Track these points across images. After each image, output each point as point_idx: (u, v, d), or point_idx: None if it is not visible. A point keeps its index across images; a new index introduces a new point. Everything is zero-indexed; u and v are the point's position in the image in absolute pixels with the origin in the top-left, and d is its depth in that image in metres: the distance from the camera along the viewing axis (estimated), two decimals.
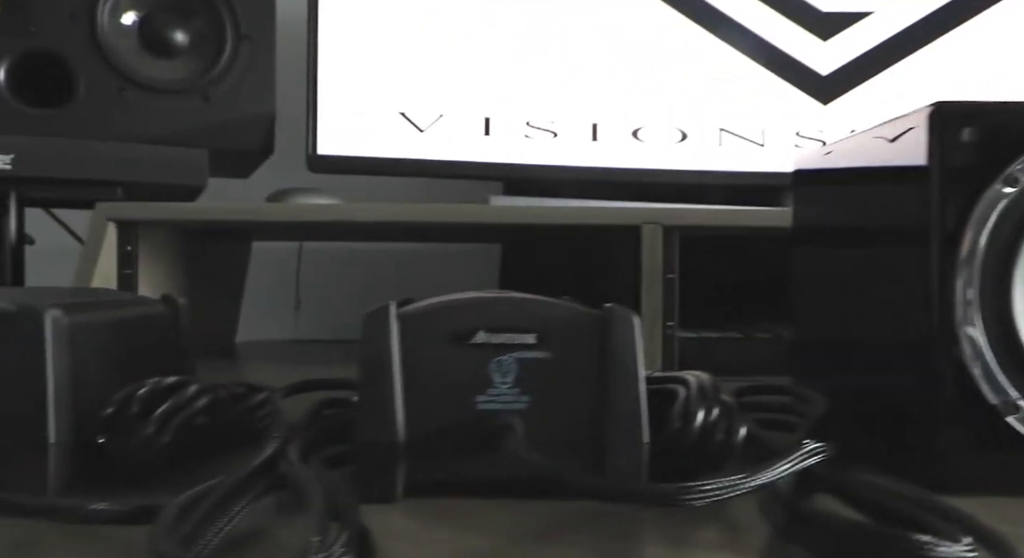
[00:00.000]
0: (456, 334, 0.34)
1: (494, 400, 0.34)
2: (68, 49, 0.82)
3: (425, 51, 0.94)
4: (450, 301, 0.35)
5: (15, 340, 0.33)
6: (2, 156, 0.77)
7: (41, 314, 0.33)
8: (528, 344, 0.34)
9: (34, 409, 0.33)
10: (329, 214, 0.78)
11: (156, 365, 0.44)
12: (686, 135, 0.99)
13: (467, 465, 0.34)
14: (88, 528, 0.28)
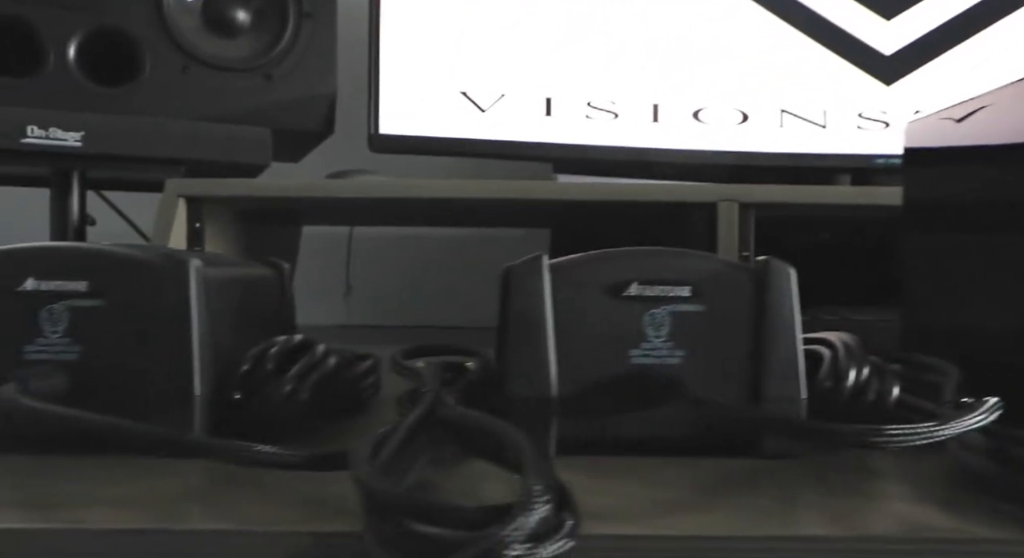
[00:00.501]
0: (609, 286, 0.33)
1: (648, 354, 0.33)
2: (135, 27, 0.81)
3: (487, 30, 0.93)
4: (603, 253, 0.34)
5: (161, 291, 0.32)
6: (72, 133, 0.77)
7: (187, 264, 0.32)
8: (682, 297, 0.33)
9: (180, 361, 0.32)
10: (408, 190, 0.77)
11: (267, 325, 0.43)
12: (747, 116, 0.97)
13: (624, 422, 0.33)
14: (255, 478, 0.27)
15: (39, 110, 0.76)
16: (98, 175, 0.87)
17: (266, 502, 0.26)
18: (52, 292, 0.32)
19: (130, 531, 0.23)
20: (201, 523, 0.24)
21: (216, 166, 0.83)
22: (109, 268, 0.33)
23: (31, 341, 0.32)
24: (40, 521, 0.24)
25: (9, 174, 0.88)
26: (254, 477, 0.29)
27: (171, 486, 0.28)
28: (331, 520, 0.24)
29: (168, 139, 0.80)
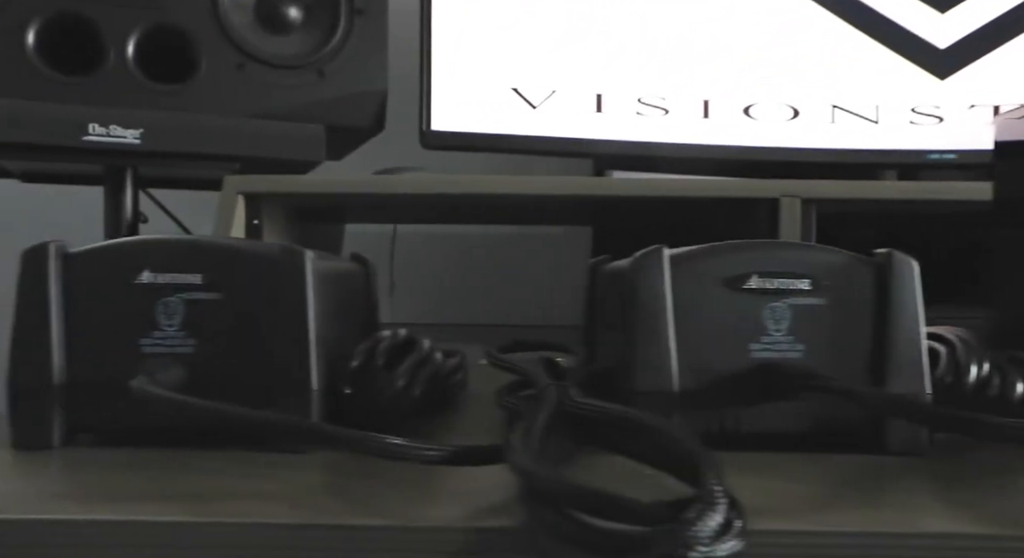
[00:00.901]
0: (728, 279, 0.33)
1: (769, 348, 0.32)
2: (191, 24, 0.81)
3: (538, 26, 0.92)
4: (722, 245, 0.33)
5: (278, 283, 0.32)
6: (131, 131, 0.77)
7: (304, 256, 0.32)
8: (803, 290, 0.33)
9: (297, 354, 0.32)
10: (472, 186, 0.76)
11: (359, 319, 0.43)
12: (798, 112, 0.96)
13: (746, 416, 0.32)
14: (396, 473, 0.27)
15: (100, 108, 0.76)
16: (149, 173, 0.87)
17: (409, 497, 0.26)
18: (167, 285, 0.32)
19: (283, 526, 0.23)
20: (350, 518, 0.23)
21: (269, 163, 0.83)
22: (225, 260, 0.32)
23: (147, 334, 0.32)
24: (186, 514, 0.24)
25: (64, 172, 0.88)
26: (380, 472, 0.29)
27: (305, 480, 0.28)
28: (487, 516, 0.24)
29: (224, 136, 0.81)
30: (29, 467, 0.30)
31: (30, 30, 0.75)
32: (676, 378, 0.32)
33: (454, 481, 0.27)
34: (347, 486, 0.27)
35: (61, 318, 0.32)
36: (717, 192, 0.75)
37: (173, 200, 1.01)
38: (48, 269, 0.32)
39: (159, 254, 0.32)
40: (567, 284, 1.24)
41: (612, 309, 0.39)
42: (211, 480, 0.28)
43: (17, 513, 0.24)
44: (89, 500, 0.25)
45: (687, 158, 0.95)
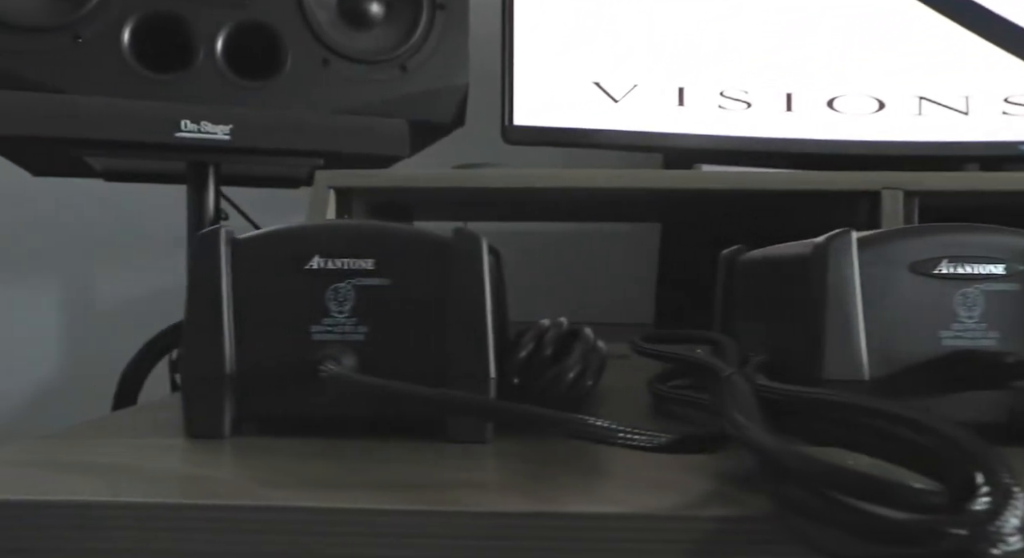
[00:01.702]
0: (918, 263, 0.31)
1: (960, 336, 0.31)
2: (277, 21, 0.81)
3: (619, 20, 0.91)
4: (910, 229, 0.32)
5: (454, 269, 0.31)
6: (221, 127, 0.77)
7: (480, 241, 0.31)
8: (996, 275, 0.31)
9: (474, 342, 0.31)
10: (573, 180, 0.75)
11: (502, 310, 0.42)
12: (883, 104, 0.94)
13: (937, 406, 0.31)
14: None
15: (190, 105, 0.77)
16: (229, 170, 0.88)
17: (623, 486, 0.25)
18: (338, 270, 0.32)
19: (521, 515, 0.22)
20: (585, 506, 0.22)
21: (352, 158, 0.83)
22: (396, 246, 0.32)
23: (318, 321, 0.32)
24: (416, 503, 0.23)
25: (147, 170, 0.89)
26: (574, 460, 0.28)
27: (509, 468, 0.27)
28: (718, 504, 0.23)
29: (310, 131, 0.81)
30: (216, 455, 0.29)
31: (125, 29, 0.76)
32: (866, 366, 0.31)
33: (649, 470, 0.26)
34: (556, 475, 0.26)
35: (231, 306, 0.32)
36: (816, 185, 0.73)
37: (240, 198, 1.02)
38: (220, 256, 0.31)
39: (329, 239, 0.32)
40: (635, 280, 1.23)
41: (770, 298, 0.38)
42: (410, 469, 0.27)
43: (238, 498, 0.23)
44: (301, 487, 0.24)
45: (770, 152, 0.93)
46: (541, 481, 0.25)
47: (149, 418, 0.37)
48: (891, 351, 0.31)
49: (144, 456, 0.29)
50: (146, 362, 0.95)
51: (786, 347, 0.34)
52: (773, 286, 0.37)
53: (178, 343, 0.94)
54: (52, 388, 1.25)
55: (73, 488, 0.24)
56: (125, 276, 1.25)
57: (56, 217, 1.24)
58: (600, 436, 0.24)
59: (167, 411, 0.38)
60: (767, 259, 0.39)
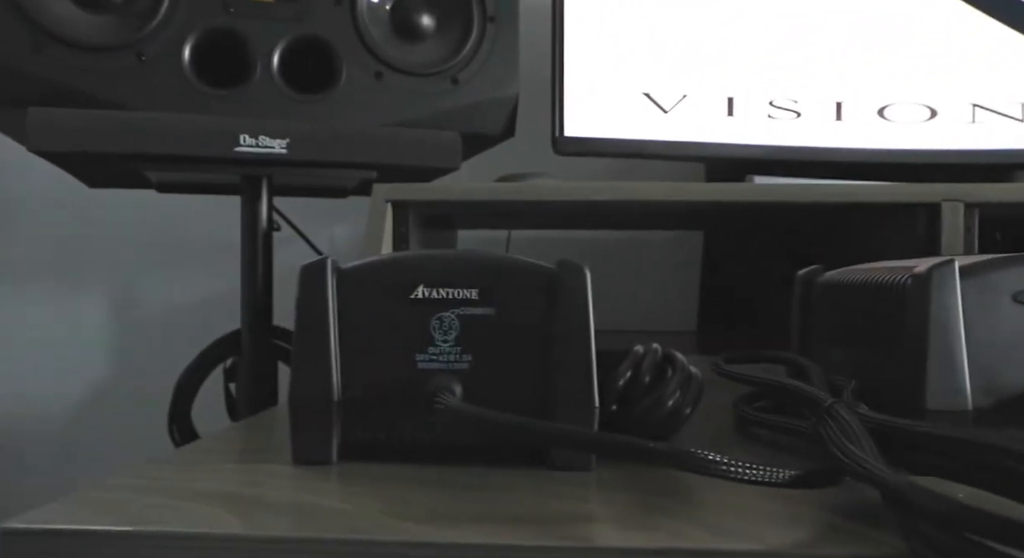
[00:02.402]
0: (1019, 293, 0.31)
1: None
2: (332, 35, 0.82)
3: (669, 30, 0.91)
4: (1015, 257, 0.32)
5: (558, 298, 0.32)
6: (278, 140, 0.78)
7: (584, 272, 0.32)
8: None
9: (580, 372, 0.31)
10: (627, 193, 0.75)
11: None
12: (935, 112, 0.93)
13: None
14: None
15: (248, 119, 0.78)
16: (281, 182, 0.89)
17: (753, 521, 0.25)
18: (443, 300, 0.32)
19: (645, 552, 0.23)
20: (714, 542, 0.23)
21: (404, 170, 0.84)
22: (500, 275, 0.32)
23: (423, 350, 0.32)
24: (545, 538, 0.23)
25: (201, 182, 0.90)
26: (682, 492, 0.29)
27: (623, 500, 0.27)
28: (851, 541, 0.23)
29: (364, 144, 0.81)
30: (329, 483, 0.30)
31: (186, 47, 0.77)
32: (969, 397, 0.31)
33: (755, 501, 0.26)
34: (670, 506, 0.27)
35: (337, 334, 0.32)
36: (873, 197, 0.73)
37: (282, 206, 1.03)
38: (327, 285, 0.32)
39: (434, 269, 0.32)
40: (678, 288, 1.23)
41: (855, 323, 0.38)
42: (522, 499, 0.27)
43: (370, 534, 0.24)
44: (426, 520, 0.25)
45: (819, 162, 0.93)
46: (655, 513, 0.26)
47: (244, 442, 0.37)
48: (994, 381, 0.31)
49: (257, 484, 0.30)
50: (200, 372, 0.96)
51: (881, 375, 0.34)
52: (863, 312, 0.37)
53: (232, 352, 0.96)
54: (102, 392, 1.27)
55: (214, 519, 0.25)
56: (172, 283, 1.27)
57: (105, 225, 1.26)
58: (719, 472, 0.25)
59: (260, 434, 0.39)
60: (853, 283, 0.39)
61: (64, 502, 0.27)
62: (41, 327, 1.26)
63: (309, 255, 1.05)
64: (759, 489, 0.29)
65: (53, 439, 1.25)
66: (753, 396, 0.39)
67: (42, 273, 1.26)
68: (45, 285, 1.27)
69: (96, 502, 0.27)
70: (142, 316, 1.28)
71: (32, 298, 1.26)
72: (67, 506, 0.26)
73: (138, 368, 1.26)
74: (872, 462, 0.24)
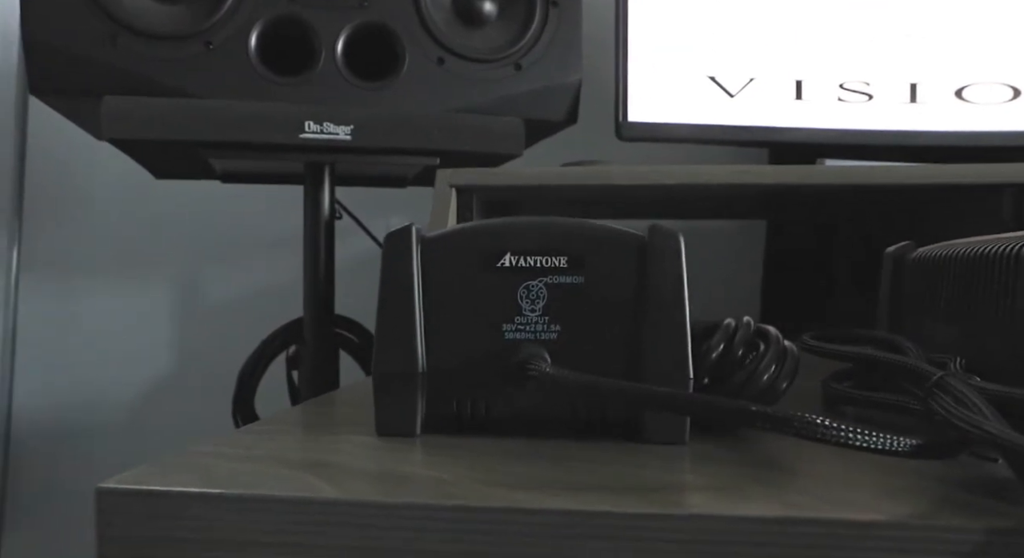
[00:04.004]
0: None
1: None
2: (395, 22, 0.82)
3: (734, 12, 0.89)
4: None
5: (649, 266, 0.30)
6: (343, 127, 0.78)
7: (678, 238, 0.30)
8: None
9: (673, 342, 0.30)
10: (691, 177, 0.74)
11: None
12: (1019, 92, 0.90)
13: None
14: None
15: (313, 106, 0.78)
16: (344, 170, 0.89)
17: (868, 493, 0.24)
18: (530, 268, 0.31)
19: (768, 520, 0.21)
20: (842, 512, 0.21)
21: (468, 156, 0.83)
22: (590, 243, 0.31)
23: (510, 320, 0.31)
24: (646, 505, 0.22)
25: (264, 171, 0.91)
26: (791, 463, 0.27)
27: (731, 472, 0.26)
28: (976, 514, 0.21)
29: (427, 130, 0.81)
30: (420, 453, 0.29)
31: (252, 35, 0.78)
32: None
33: (871, 474, 0.25)
34: (773, 477, 0.25)
35: (422, 303, 0.32)
36: (955, 179, 0.70)
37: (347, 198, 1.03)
38: (412, 254, 0.31)
39: (521, 237, 0.31)
40: (742, 278, 1.20)
41: (957, 298, 0.36)
42: (626, 470, 0.26)
43: (465, 500, 0.23)
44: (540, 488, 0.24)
45: (893, 146, 0.90)
46: (758, 483, 0.25)
47: (324, 416, 0.37)
48: None
49: (343, 452, 0.29)
50: (263, 361, 0.97)
51: (993, 349, 0.32)
52: (969, 285, 0.35)
53: (294, 340, 0.97)
54: (165, 383, 1.29)
55: (285, 483, 0.24)
56: (234, 275, 1.29)
57: (170, 219, 1.28)
58: (835, 437, 0.23)
59: (336, 409, 0.38)
60: (956, 256, 0.37)
61: (154, 465, 0.26)
62: (109, 319, 1.29)
63: (367, 246, 1.05)
64: (865, 462, 0.27)
65: (121, 428, 1.28)
66: (843, 374, 0.38)
67: (110, 266, 1.29)
68: (112, 278, 1.29)
69: (185, 466, 0.27)
70: (206, 307, 1.30)
71: (100, 290, 1.29)
72: (158, 469, 0.26)
73: (203, 358, 1.28)
74: (1000, 427, 0.22)
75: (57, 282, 1.29)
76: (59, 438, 1.28)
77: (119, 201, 1.28)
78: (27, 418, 1.28)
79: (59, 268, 1.29)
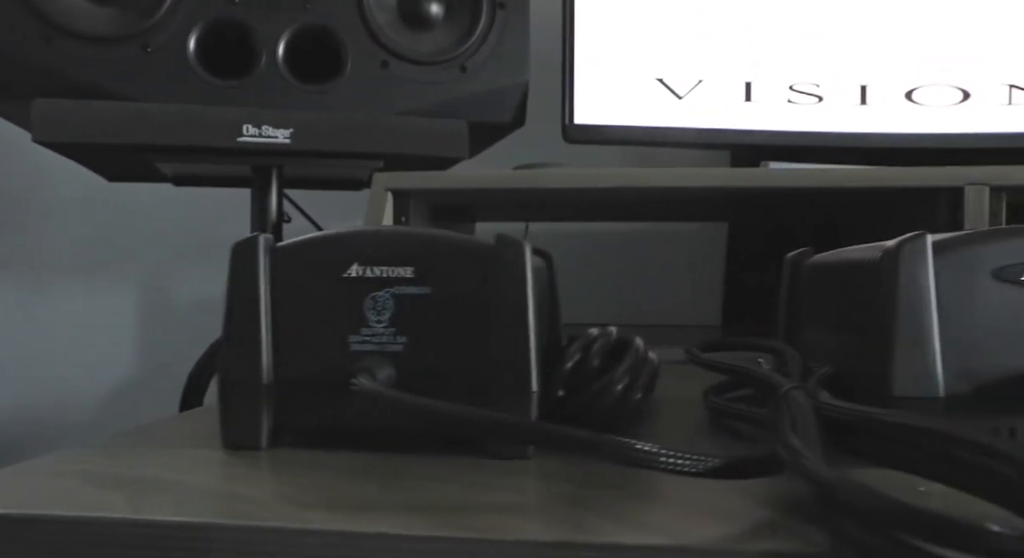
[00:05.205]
0: (1000, 270, 0.28)
1: None
2: (338, 24, 0.81)
3: (683, 13, 0.89)
4: (994, 231, 0.29)
5: (496, 277, 0.30)
6: (282, 131, 0.78)
7: (523, 249, 0.30)
8: None
9: (516, 354, 0.29)
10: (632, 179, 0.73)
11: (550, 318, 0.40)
12: (968, 94, 0.89)
13: None
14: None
15: (253, 109, 0.77)
16: (291, 174, 0.88)
17: (670, 513, 0.23)
18: (377, 278, 0.31)
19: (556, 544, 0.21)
20: (628, 537, 0.21)
21: (412, 160, 0.82)
22: (438, 253, 0.30)
23: (356, 331, 0.31)
24: (441, 529, 0.22)
25: (214, 174, 0.90)
26: (621, 482, 0.27)
27: (544, 491, 0.26)
28: (770, 537, 0.21)
29: (369, 134, 0.80)
30: (249, 469, 0.28)
31: (191, 38, 0.77)
32: (942, 382, 0.28)
33: (709, 496, 0.24)
34: (591, 498, 0.25)
35: (269, 314, 0.31)
36: (891, 182, 0.69)
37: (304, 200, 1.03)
38: (258, 263, 0.31)
39: (368, 246, 0.31)
40: (702, 281, 1.20)
41: (837, 306, 0.35)
42: (446, 489, 0.26)
43: (265, 520, 0.22)
44: (335, 508, 0.23)
45: (843, 148, 0.89)
46: (584, 506, 0.24)
47: (190, 427, 0.37)
48: (971, 366, 0.28)
49: (181, 469, 0.28)
50: (211, 364, 0.97)
51: (854, 360, 0.32)
52: (840, 293, 0.35)
53: None
54: (128, 387, 1.29)
55: (103, 503, 0.24)
56: (197, 277, 1.28)
57: (133, 221, 1.28)
58: (639, 460, 0.23)
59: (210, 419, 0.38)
60: (835, 263, 0.36)
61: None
62: (72, 320, 1.28)
63: None
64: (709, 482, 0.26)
65: (84, 430, 1.27)
66: (727, 385, 0.37)
67: (73, 269, 1.28)
68: (76, 280, 1.29)
69: (6, 483, 0.26)
70: (170, 308, 1.29)
71: (63, 292, 1.29)
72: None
73: (165, 360, 1.27)
74: (805, 452, 0.22)
75: (19, 283, 1.29)
76: (22, 439, 1.28)
77: (82, 202, 1.27)
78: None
79: (21, 270, 1.29)
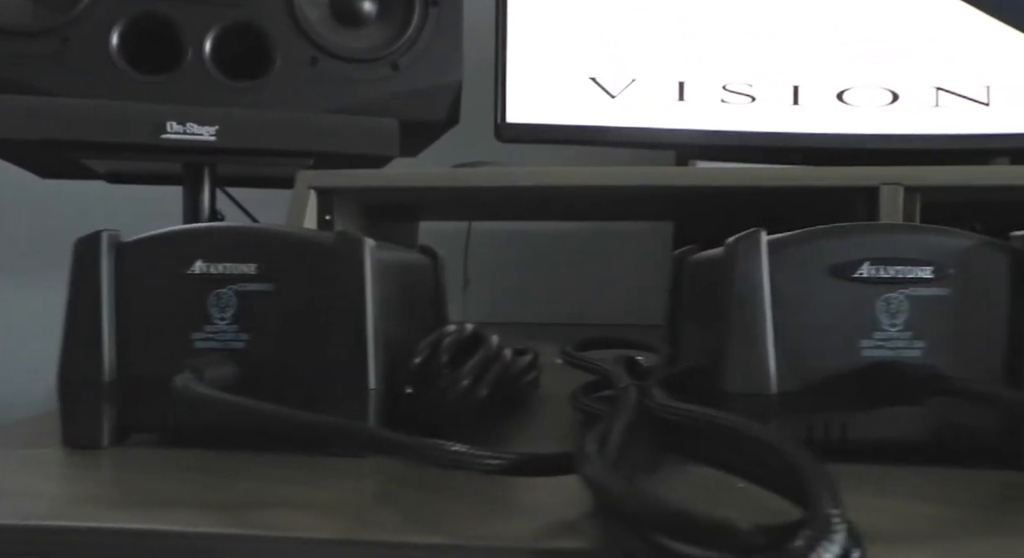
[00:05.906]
0: (837, 266, 0.29)
1: (882, 345, 0.28)
2: (266, 20, 0.81)
3: (616, 12, 0.89)
4: (828, 229, 0.29)
5: (334, 274, 0.30)
6: (207, 128, 0.77)
7: (362, 244, 0.30)
8: (923, 279, 0.28)
9: (354, 351, 0.29)
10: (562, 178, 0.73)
11: (423, 315, 0.40)
12: (897, 96, 0.90)
13: (857, 422, 0.28)
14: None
15: (177, 106, 0.76)
16: (226, 171, 0.88)
17: (468, 512, 0.23)
18: (220, 275, 0.30)
19: (323, 542, 0.20)
20: (396, 534, 0.21)
21: (343, 158, 0.82)
22: (279, 249, 0.30)
23: (199, 328, 0.30)
24: (222, 525, 0.21)
25: (146, 172, 0.89)
26: (442, 481, 0.26)
27: (357, 489, 0.25)
28: (554, 535, 0.21)
29: (297, 131, 0.80)
30: (76, 468, 0.28)
31: (114, 32, 0.76)
32: (774, 379, 0.28)
33: (523, 494, 0.24)
34: (402, 496, 0.25)
35: (112, 311, 0.31)
36: (809, 181, 0.70)
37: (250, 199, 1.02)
38: (100, 260, 0.30)
39: (212, 243, 0.30)
40: (647, 282, 1.20)
41: (700, 302, 0.35)
42: (262, 487, 0.25)
43: (53, 519, 0.22)
44: (130, 506, 0.23)
45: (776, 147, 0.90)
46: (389, 505, 0.24)
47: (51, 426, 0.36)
48: (804, 362, 0.28)
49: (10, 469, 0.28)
50: None
51: (708, 356, 0.32)
52: (701, 289, 0.35)
53: None
54: None
55: None
56: None
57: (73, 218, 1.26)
58: (442, 460, 0.22)
59: None
60: (703, 261, 0.36)
61: None
62: (14, 318, 1.26)
63: None
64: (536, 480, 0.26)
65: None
66: (592, 385, 0.37)
67: (14, 265, 1.27)
68: (17, 276, 1.27)
69: None
70: None
71: (5, 289, 1.27)
72: None
73: None
74: (591, 455, 0.21)
75: None
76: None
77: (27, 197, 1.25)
78: None
79: None
